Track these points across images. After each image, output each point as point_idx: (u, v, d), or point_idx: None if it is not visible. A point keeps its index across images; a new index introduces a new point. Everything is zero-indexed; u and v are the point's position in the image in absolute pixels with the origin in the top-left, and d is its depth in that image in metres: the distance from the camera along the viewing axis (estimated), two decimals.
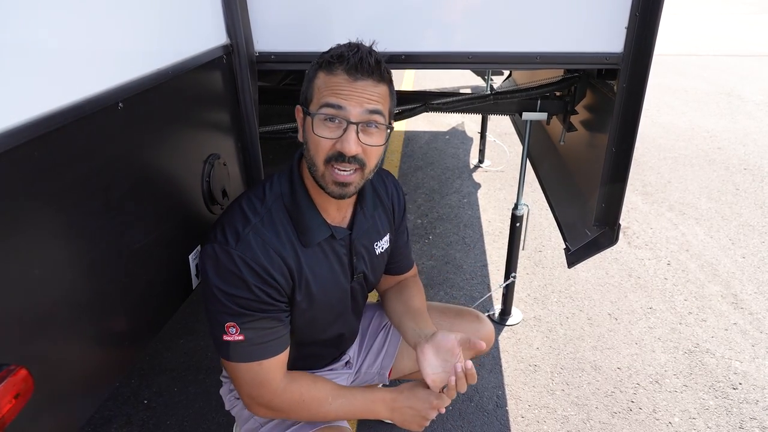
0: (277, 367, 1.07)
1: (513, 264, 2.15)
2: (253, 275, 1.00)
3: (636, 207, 3.30)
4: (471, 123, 4.80)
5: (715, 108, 5.26)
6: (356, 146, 0.97)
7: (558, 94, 1.80)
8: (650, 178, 3.70)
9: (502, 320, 2.28)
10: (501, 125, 4.69)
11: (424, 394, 1.11)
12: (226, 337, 1.02)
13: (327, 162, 0.99)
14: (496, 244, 2.90)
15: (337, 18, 1.29)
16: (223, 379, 1.37)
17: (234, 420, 1.71)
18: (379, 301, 1.56)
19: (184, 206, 1.12)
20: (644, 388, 1.92)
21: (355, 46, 0.99)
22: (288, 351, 1.10)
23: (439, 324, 1.44)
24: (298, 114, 1.07)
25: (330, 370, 1.36)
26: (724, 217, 3.15)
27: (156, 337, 1.06)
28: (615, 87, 1.33)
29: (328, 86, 0.98)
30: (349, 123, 0.96)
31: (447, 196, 3.47)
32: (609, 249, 1.54)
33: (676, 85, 6.15)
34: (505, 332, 2.22)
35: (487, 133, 3.89)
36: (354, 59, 0.96)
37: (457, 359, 1.06)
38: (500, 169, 3.88)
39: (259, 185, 1.11)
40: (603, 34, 1.28)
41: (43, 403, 0.73)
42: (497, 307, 2.35)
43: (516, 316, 2.30)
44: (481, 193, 3.52)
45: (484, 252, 2.83)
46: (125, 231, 0.91)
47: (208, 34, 1.20)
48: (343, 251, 1.15)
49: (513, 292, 2.26)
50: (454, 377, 1.04)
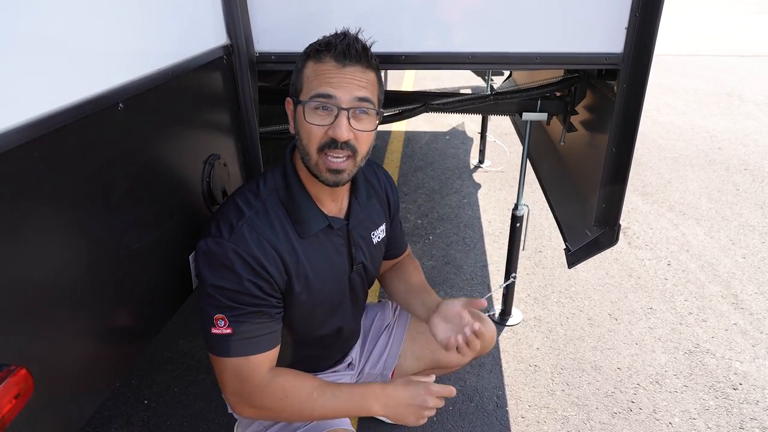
0: (263, 363, 1.04)
1: (513, 264, 2.15)
2: (245, 267, 0.99)
3: (636, 207, 3.30)
4: (471, 123, 4.81)
5: (716, 108, 5.26)
6: (347, 132, 0.99)
7: (558, 94, 1.80)
8: (650, 179, 3.70)
9: (502, 320, 2.28)
10: (501, 125, 4.69)
11: (419, 383, 1.07)
12: (214, 330, 1.01)
13: (320, 150, 1.01)
14: (496, 245, 2.90)
15: (337, 18, 1.29)
16: None
17: (234, 421, 1.71)
18: (380, 301, 1.57)
19: (184, 206, 1.13)
20: (644, 389, 1.92)
21: (341, 34, 1.01)
22: (277, 350, 1.08)
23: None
24: (289, 106, 1.08)
25: (333, 372, 1.36)
26: (725, 217, 3.15)
27: (156, 337, 1.06)
28: (615, 87, 1.33)
29: (317, 74, 1.00)
30: (340, 109, 0.98)
31: (447, 196, 3.47)
32: (609, 249, 1.53)
33: (676, 86, 6.15)
34: (506, 332, 2.22)
35: (487, 134, 3.89)
36: (341, 46, 0.98)
37: (465, 322, 1.14)
38: (500, 170, 3.88)
39: (252, 181, 1.12)
40: (603, 34, 1.28)
41: (44, 403, 0.73)
42: (497, 308, 2.35)
43: (516, 316, 2.30)
44: (481, 194, 3.52)
45: (484, 252, 2.83)
46: (125, 231, 0.91)
47: (209, 35, 1.20)
48: (341, 241, 1.16)
49: (513, 292, 2.26)
50: (460, 335, 1.13)
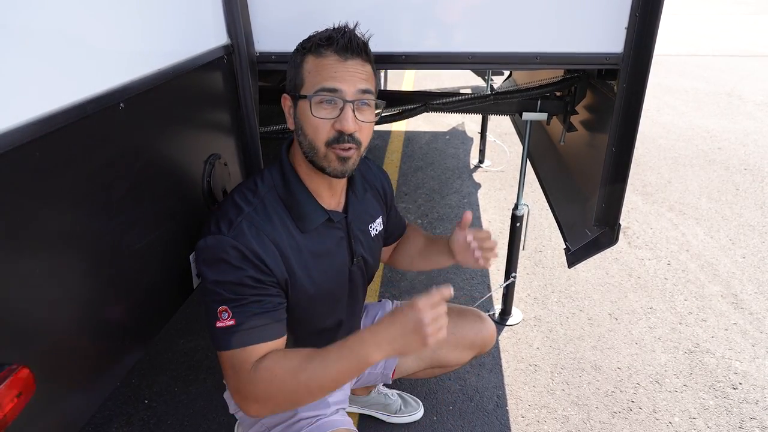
0: (259, 353, 0.99)
1: (513, 264, 2.15)
2: (243, 260, 0.99)
3: (636, 207, 3.30)
4: (471, 123, 4.81)
5: (715, 108, 5.26)
6: (354, 124, 1.01)
7: (558, 94, 1.80)
8: (650, 178, 3.70)
9: (502, 320, 2.28)
10: (501, 125, 4.69)
11: (403, 308, 0.95)
12: (218, 324, 0.98)
13: (328, 145, 1.03)
14: None
15: (336, 17, 1.28)
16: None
17: (235, 421, 1.71)
18: (380, 300, 1.56)
19: (184, 206, 1.13)
20: (644, 388, 1.92)
21: (341, 29, 1.04)
22: (281, 342, 1.04)
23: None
24: (286, 102, 1.09)
25: None
26: (725, 217, 3.15)
27: (157, 336, 1.06)
28: (615, 87, 1.34)
29: (319, 69, 1.01)
30: (346, 102, 1.00)
31: (447, 196, 3.47)
32: (609, 249, 1.54)
33: (676, 86, 6.15)
34: (506, 332, 2.22)
35: (487, 134, 3.89)
36: (343, 40, 1.01)
37: (473, 245, 1.23)
38: (500, 170, 3.88)
39: (250, 179, 1.12)
40: (603, 34, 1.28)
41: (45, 403, 0.73)
42: (497, 307, 2.35)
43: (516, 316, 2.31)
44: (481, 194, 3.52)
45: None
46: (126, 231, 0.92)
47: (209, 35, 1.21)
48: (341, 234, 1.17)
49: (513, 292, 2.26)
50: (473, 240, 1.21)
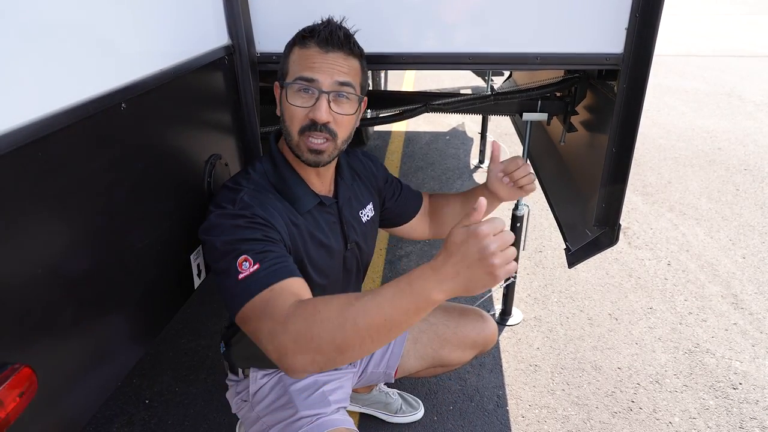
0: (290, 287, 0.93)
1: None
2: (254, 224, 0.99)
3: (636, 207, 3.30)
4: (471, 123, 4.81)
5: (715, 108, 5.26)
6: (327, 114, 1.04)
7: (558, 94, 1.80)
8: (650, 179, 3.70)
9: (502, 320, 2.28)
10: (501, 125, 4.69)
11: (461, 235, 0.78)
12: (241, 276, 0.93)
13: (301, 132, 1.06)
14: None
15: (337, 18, 1.29)
16: (229, 382, 1.36)
17: (236, 420, 1.71)
18: None
19: (186, 206, 1.13)
20: (644, 388, 1.92)
21: (326, 22, 1.08)
22: (305, 283, 0.97)
23: (444, 323, 1.49)
24: (276, 90, 1.14)
25: (335, 369, 1.35)
26: (725, 217, 3.16)
27: (158, 336, 1.07)
28: (615, 87, 1.34)
29: (301, 59, 1.06)
30: (321, 92, 1.04)
31: None
32: (609, 249, 1.54)
33: (676, 86, 6.15)
34: (506, 332, 2.23)
35: (487, 134, 3.89)
36: (325, 32, 1.05)
37: (504, 179, 1.30)
38: None
39: (241, 170, 1.16)
40: (603, 35, 1.28)
41: (46, 403, 0.74)
42: (498, 308, 2.35)
43: (516, 316, 2.31)
44: None
45: None
46: (127, 230, 0.92)
47: (210, 35, 1.21)
48: (333, 219, 1.20)
49: (513, 292, 2.27)
50: (504, 177, 1.29)
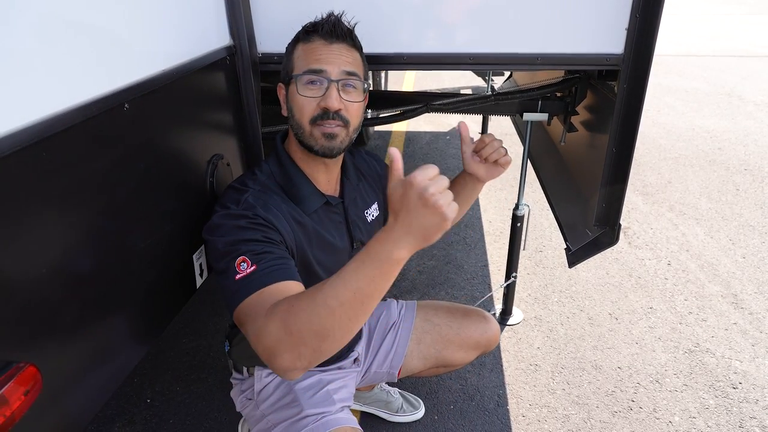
0: (278, 293, 0.91)
1: (514, 264, 2.16)
2: (257, 225, 1.00)
3: (636, 207, 3.31)
4: (472, 123, 4.81)
5: (716, 108, 5.27)
6: (338, 102, 1.07)
7: (559, 94, 1.80)
8: (650, 179, 3.70)
9: (503, 320, 2.29)
10: (502, 125, 4.70)
11: (403, 182, 0.76)
12: (239, 276, 0.93)
13: (313, 122, 1.08)
14: (496, 244, 2.91)
15: (337, 12, 1.29)
16: (234, 380, 1.36)
17: (238, 419, 1.72)
18: (384, 299, 1.57)
19: (188, 206, 1.13)
20: (645, 388, 1.93)
21: (327, 16, 1.12)
22: (297, 286, 0.95)
23: (447, 324, 1.51)
24: (281, 91, 1.16)
25: (338, 369, 1.36)
26: (725, 217, 3.16)
27: (160, 336, 1.07)
28: (615, 88, 1.34)
29: (307, 53, 1.09)
30: (330, 81, 1.07)
31: None
32: (609, 249, 1.54)
33: (676, 86, 6.15)
34: (506, 332, 2.23)
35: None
36: (328, 25, 1.10)
37: (477, 158, 1.28)
38: None
39: (247, 171, 1.17)
40: (603, 35, 1.28)
41: (51, 401, 0.74)
42: (498, 307, 2.35)
43: (517, 315, 2.31)
44: (481, 193, 3.52)
45: (485, 252, 2.84)
46: (130, 230, 0.92)
47: (212, 36, 1.21)
48: (339, 219, 1.21)
49: (514, 292, 2.27)
50: (474, 156, 1.27)
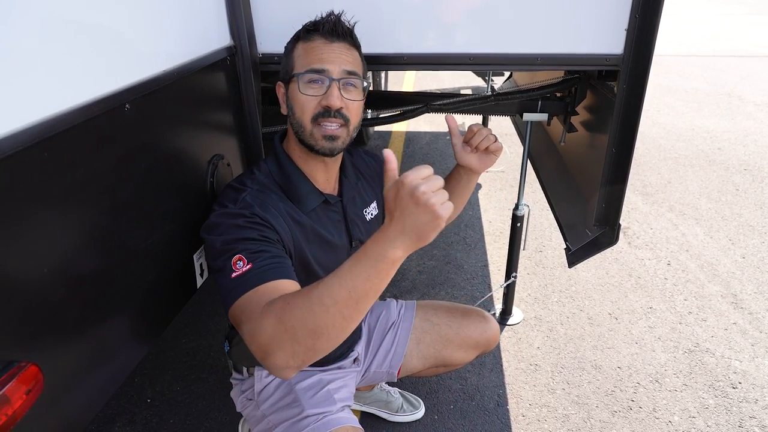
0: (273, 291, 0.91)
1: (514, 264, 2.16)
2: (254, 224, 1.00)
3: (636, 207, 3.31)
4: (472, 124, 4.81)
5: (716, 108, 5.27)
6: (339, 100, 1.07)
7: (558, 95, 1.80)
8: (650, 179, 3.71)
9: (503, 320, 2.29)
10: (502, 126, 4.70)
11: (396, 182, 0.77)
12: (234, 274, 0.94)
13: (314, 120, 1.08)
14: (496, 244, 2.91)
15: (336, 12, 1.30)
16: (234, 381, 1.37)
17: (238, 419, 1.72)
18: (384, 299, 1.57)
19: (188, 206, 1.14)
20: (644, 387, 1.93)
21: (327, 16, 1.12)
22: (292, 285, 0.94)
23: (446, 324, 1.51)
24: (280, 89, 1.16)
25: (338, 368, 1.36)
26: (724, 217, 3.16)
27: (161, 335, 1.07)
28: (615, 88, 1.34)
29: (308, 52, 1.09)
30: (332, 80, 1.07)
31: None
32: (609, 249, 1.54)
33: (676, 86, 6.16)
34: (506, 332, 2.23)
35: None
36: (329, 25, 1.10)
37: (468, 148, 1.37)
38: (501, 170, 3.88)
39: (246, 170, 1.17)
40: (603, 35, 1.29)
41: (52, 401, 0.74)
42: (498, 307, 2.36)
43: (517, 315, 2.31)
44: (481, 194, 3.53)
45: (485, 252, 2.84)
46: (131, 230, 0.93)
47: (212, 36, 1.22)
48: (338, 217, 1.22)
49: (514, 291, 2.27)
50: (466, 147, 1.35)
